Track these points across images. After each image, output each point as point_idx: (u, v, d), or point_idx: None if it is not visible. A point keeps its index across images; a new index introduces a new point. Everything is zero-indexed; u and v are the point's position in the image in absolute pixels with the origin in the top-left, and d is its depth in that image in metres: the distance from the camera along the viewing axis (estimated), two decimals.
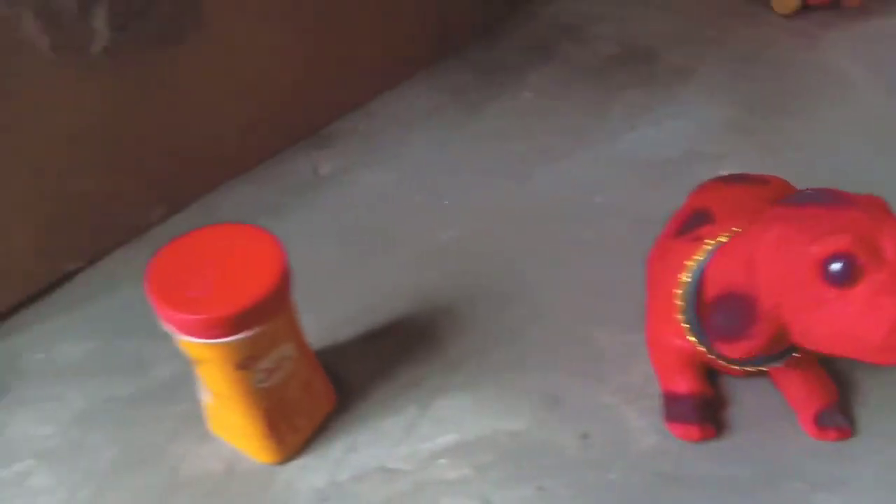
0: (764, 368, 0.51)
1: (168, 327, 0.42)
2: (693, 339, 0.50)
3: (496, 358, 0.56)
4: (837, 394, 0.52)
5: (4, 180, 0.56)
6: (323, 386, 0.52)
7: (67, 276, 0.63)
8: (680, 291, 0.50)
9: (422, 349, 0.57)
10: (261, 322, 0.42)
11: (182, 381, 0.55)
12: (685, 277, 0.50)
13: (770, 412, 0.53)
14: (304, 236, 0.68)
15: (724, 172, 0.72)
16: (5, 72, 0.52)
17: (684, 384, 0.52)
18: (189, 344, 0.42)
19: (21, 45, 0.52)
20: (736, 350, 0.44)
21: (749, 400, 0.54)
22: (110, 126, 0.60)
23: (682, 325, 0.50)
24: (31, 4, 0.51)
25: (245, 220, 0.68)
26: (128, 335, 0.59)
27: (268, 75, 0.70)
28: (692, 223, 0.54)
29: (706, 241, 0.50)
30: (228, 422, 0.48)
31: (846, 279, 0.39)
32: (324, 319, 0.58)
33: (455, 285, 0.63)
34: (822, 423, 0.51)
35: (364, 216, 0.70)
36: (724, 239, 0.49)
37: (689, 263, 0.50)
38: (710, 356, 0.50)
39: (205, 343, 0.41)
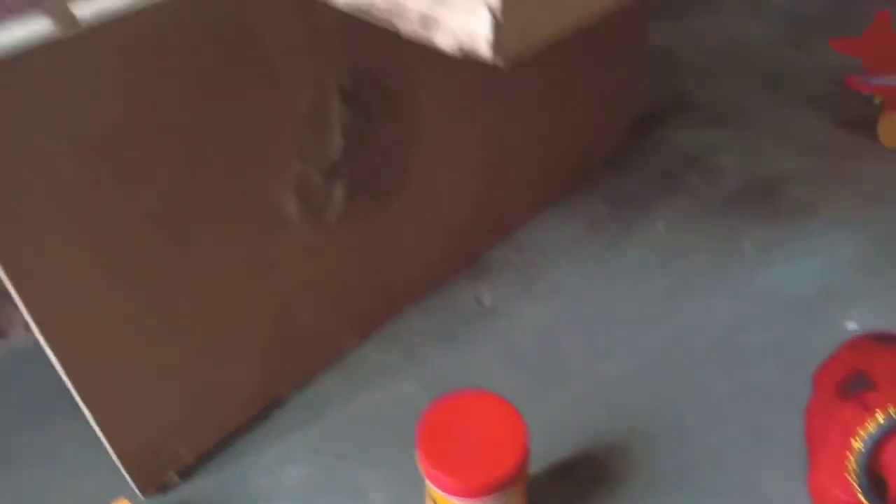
0: None
1: (432, 485, 0.50)
2: (864, 499, 0.56)
3: (675, 501, 0.63)
4: None
5: (246, 319, 0.65)
6: None
7: (279, 402, 0.72)
8: (852, 458, 0.56)
9: (603, 488, 0.64)
10: (512, 486, 0.49)
11: None
12: (859, 446, 0.56)
13: None
14: (474, 366, 0.76)
15: (856, 312, 0.79)
16: (263, 234, 0.62)
17: None
18: (448, 501, 0.50)
19: (278, 215, 0.62)
20: None
21: None
22: (331, 271, 0.69)
23: (854, 486, 0.56)
24: (292, 184, 0.61)
25: (420, 349, 0.78)
26: (341, 460, 0.67)
27: (447, 214, 0.80)
28: (854, 386, 0.60)
29: (877, 412, 0.56)
30: None
31: None
32: None
33: (622, 421, 0.70)
34: None
35: (527, 348, 0.78)
36: (894, 413, 0.55)
37: (862, 433, 0.56)
38: None
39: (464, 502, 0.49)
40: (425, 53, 0.44)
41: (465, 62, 0.39)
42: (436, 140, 0.72)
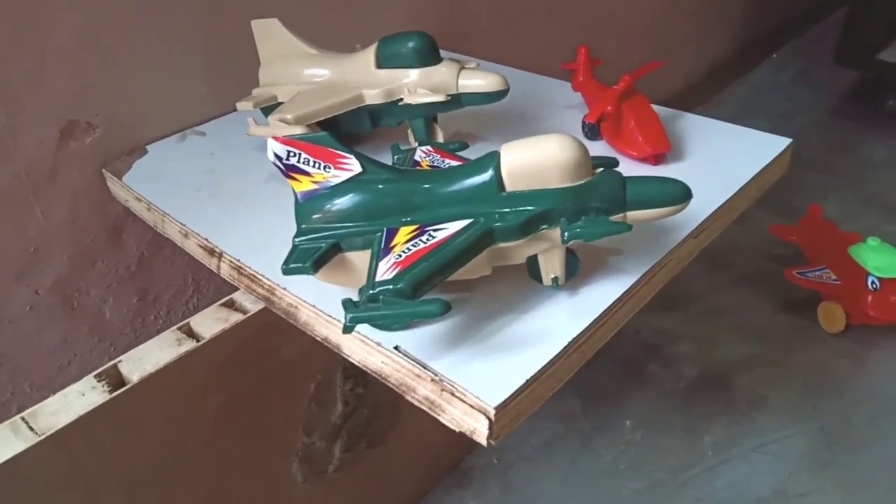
0: None
1: None
2: None
3: None
4: None
5: None
6: None
7: None
8: None
9: None
10: None
11: None
12: None
13: None
14: None
15: None
16: (266, 497, 0.67)
17: None
18: None
19: (284, 481, 0.67)
20: None
21: None
22: None
23: None
24: (298, 453, 0.67)
25: None
26: None
27: (433, 431, 0.86)
28: None
29: None
30: None
31: None
32: None
33: None
34: None
35: None
36: None
37: None
38: None
39: None
40: None
41: None
42: None
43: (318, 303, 0.49)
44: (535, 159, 0.43)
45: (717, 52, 1.85)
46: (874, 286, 1.04)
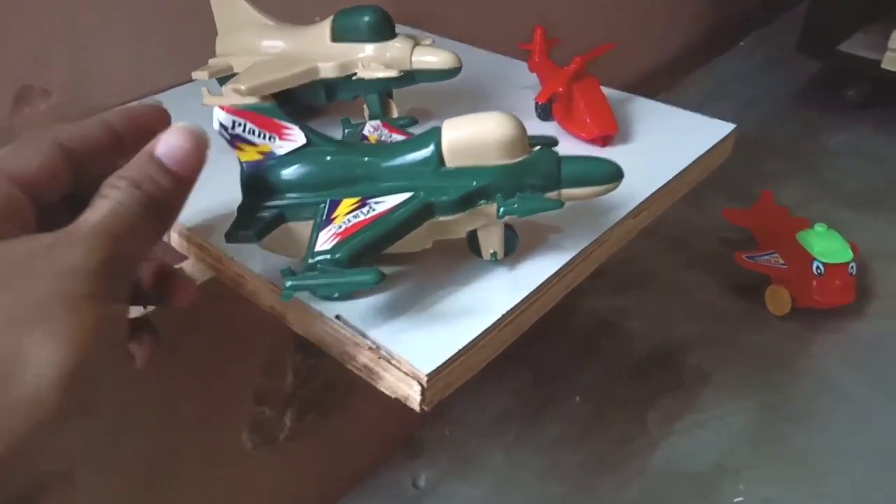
0: None
1: None
2: None
3: None
4: None
5: None
6: None
7: None
8: None
9: None
10: None
11: None
12: None
13: None
14: None
15: (744, 486, 0.90)
16: (216, 465, 0.68)
17: None
18: None
19: (234, 448, 0.69)
20: None
21: None
22: (278, 484, 0.76)
23: None
24: (248, 421, 0.68)
25: None
26: None
27: (389, 403, 0.88)
28: None
29: None
30: None
31: None
32: None
33: None
34: None
35: None
36: None
37: None
38: None
39: None
40: None
41: None
42: None
43: (265, 273, 0.50)
44: (474, 136, 0.45)
45: (683, 38, 1.87)
46: (819, 271, 1.07)
